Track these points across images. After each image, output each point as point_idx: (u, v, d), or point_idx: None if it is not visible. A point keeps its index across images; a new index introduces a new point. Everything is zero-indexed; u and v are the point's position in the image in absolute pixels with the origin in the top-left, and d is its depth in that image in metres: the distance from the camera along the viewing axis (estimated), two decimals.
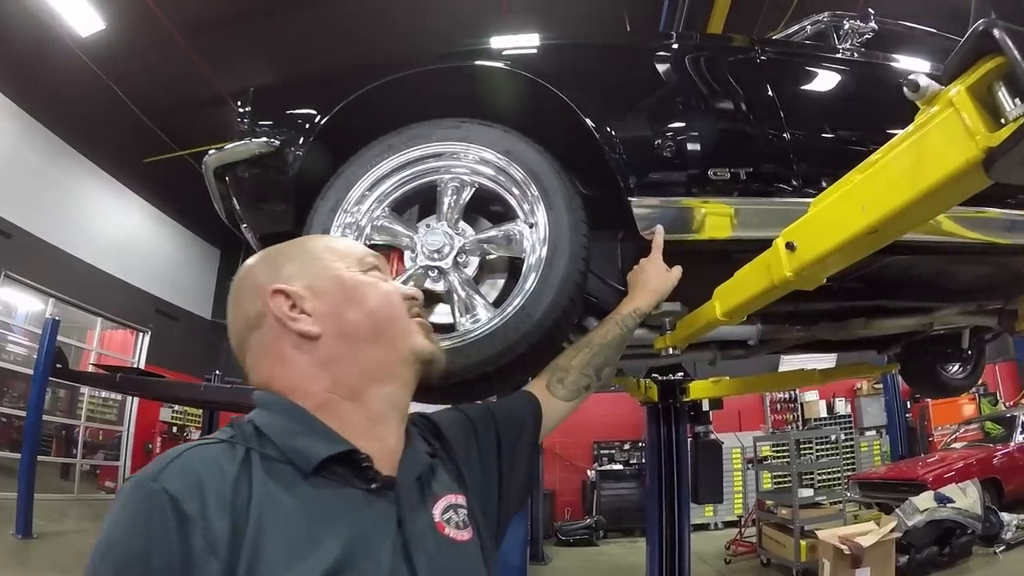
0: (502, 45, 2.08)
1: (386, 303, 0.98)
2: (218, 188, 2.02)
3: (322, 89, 2.10)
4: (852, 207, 1.14)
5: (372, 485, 0.86)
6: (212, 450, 0.81)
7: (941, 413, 12.87)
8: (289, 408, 0.89)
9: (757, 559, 8.89)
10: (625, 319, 1.54)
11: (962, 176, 0.91)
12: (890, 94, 2.42)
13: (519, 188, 1.75)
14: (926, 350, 4.12)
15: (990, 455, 9.09)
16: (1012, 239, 2.13)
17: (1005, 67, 0.82)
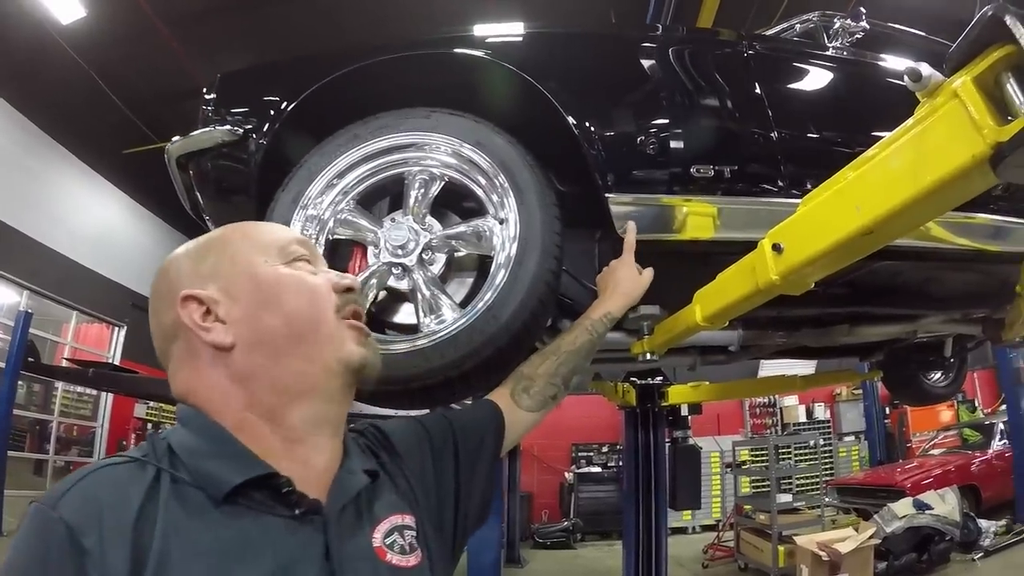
0: (478, 33, 1.99)
1: (307, 303, 0.86)
2: (182, 178, 1.93)
3: (289, 76, 2.01)
4: (845, 206, 1.05)
5: (296, 511, 0.77)
6: (119, 472, 0.74)
7: (919, 419, 13.01)
8: (205, 426, 0.80)
9: (735, 564, 8.90)
10: (595, 324, 1.45)
11: (967, 173, 0.83)
12: (881, 94, 2.42)
13: (489, 181, 1.66)
14: (908, 358, 4.10)
15: (968, 462, 9.18)
16: (1001, 246, 2.08)
17: (1016, 57, 0.74)
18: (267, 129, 1.81)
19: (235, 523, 0.73)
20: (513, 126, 1.74)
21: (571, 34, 2.12)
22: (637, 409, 5.09)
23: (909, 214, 0.97)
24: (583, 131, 1.77)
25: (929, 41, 2.96)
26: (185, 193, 1.97)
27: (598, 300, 1.54)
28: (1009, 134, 0.75)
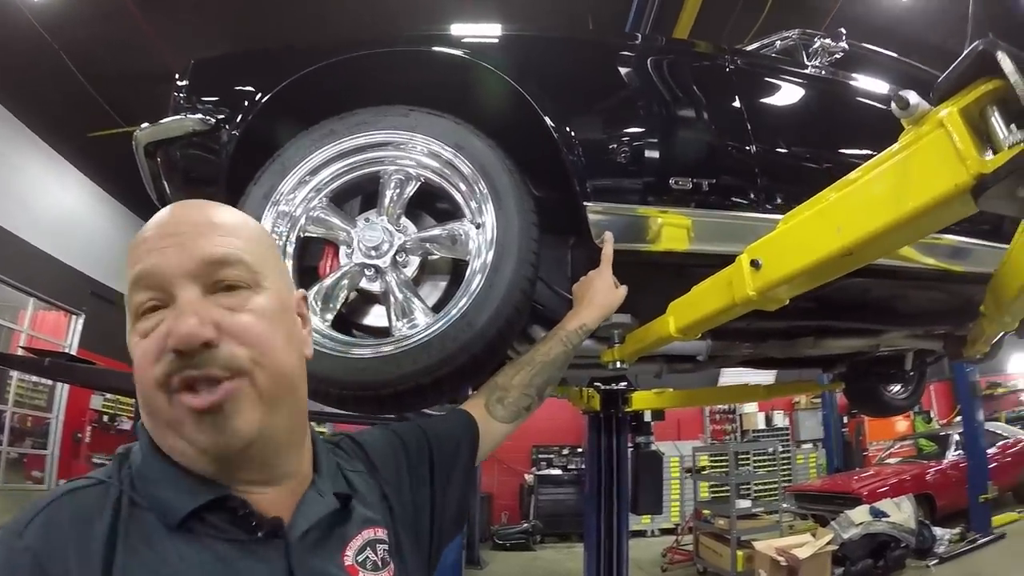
0: (459, 32, 1.96)
1: (140, 387, 0.74)
2: (149, 166, 1.86)
3: (265, 66, 1.95)
4: (826, 227, 1.06)
5: (257, 534, 0.73)
6: (84, 498, 0.71)
7: (876, 429, 13.36)
8: (153, 452, 0.75)
9: (694, 567, 9.00)
10: (570, 336, 1.44)
11: (949, 201, 0.84)
12: (858, 114, 2.46)
13: (467, 185, 1.63)
14: (870, 370, 4.19)
15: (923, 471, 9.44)
16: (966, 266, 2.13)
17: (1002, 91, 0.75)
18: (240, 120, 1.76)
19: (190, 550, 0.69)
20: (492, 129, 1.71)
21: (555, 39, 2.11)
22: (601, 414, 5.11)
23: (889, 237, 0.98)
24: (564, 137, 1.75)
25: (907, 65, 3.02)
26: (152, 182, 1.91)
27: (573, 311, 1.52)
28: (992, 166, 0.76)
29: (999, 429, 10.99)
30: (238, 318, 0.74)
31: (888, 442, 12.62)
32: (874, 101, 2.51)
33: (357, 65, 1.81)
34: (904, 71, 2.95)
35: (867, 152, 2.24)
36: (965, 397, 9.22)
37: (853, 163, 2.18)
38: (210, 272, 0.75)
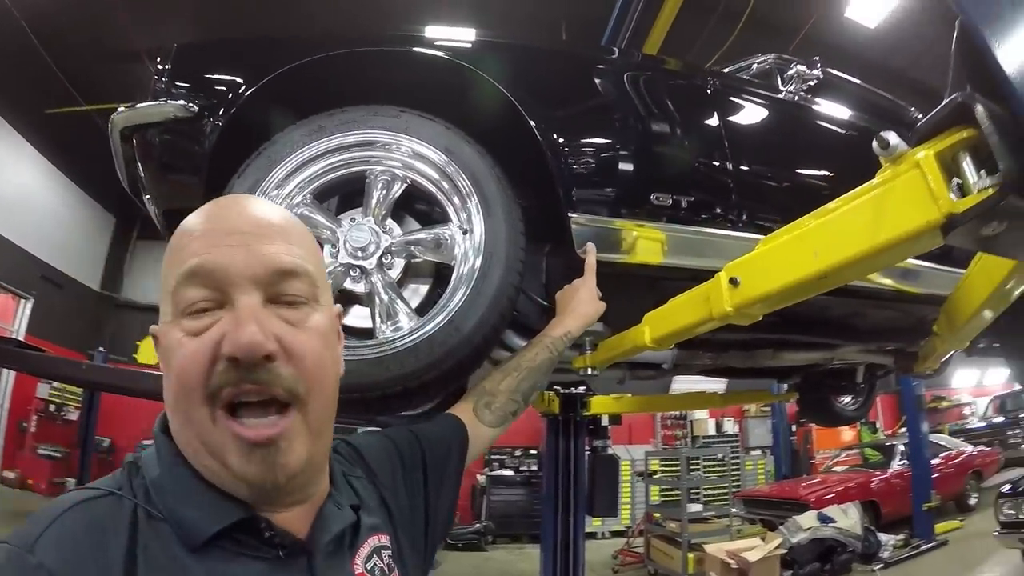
0: (447, 37, 1.96)
1: (181, 390, 0.69)
2: (123, 151, 1.82)
3: (253, 57, 1.92)
4: (804, 251, 1.12)
5: (280, 552, 0.71)
6: (98, 510, 0.66)
7: (824, 438, 13.78)
8: (176, 463, 0.71)
9: (645, 569, 9.12)
10: (555, 343, 1.46)
11: (919, 236, 0.90)
12: (829, 140, 2.57)
13: (456, 191, 1.65)
14: (822, 382, 4.37)
15: (869, 479, 9.77)
16: (920, 288, 2.24)
17: (975, 140, 0.81)
18: (224, 110, 1.73)
19: (218, 570, 0.67)
20: (481, 136, 1.73)
21: (549, 51, 2.15)
22: (560, 417, 5.17)
23: (862, 264, 1.05)
24: (551, 148, 1.78)
25: (877, 95, 3.16)
26: (124, 167, 1.86)
27: (557, 318, 1.54)
28: (962, 207, 0.82)
29: (943, 441, 11.50)
30: (299, 337, 0.71)
31: (835, 451, 13.01)
32: (843, 128, 2.63)
33: (347, 61, 1.80)
34: (871, 99, 3.08)
35: (834, 174, 2.38)
36: (911, 409, 9.57)
37: (823, 186, 2.32)
38: (276, 281, 0.71)
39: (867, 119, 2.81)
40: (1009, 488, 6.46)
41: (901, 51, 8.92)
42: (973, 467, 10.96)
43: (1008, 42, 0.78)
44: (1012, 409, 14.06)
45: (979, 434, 13.44)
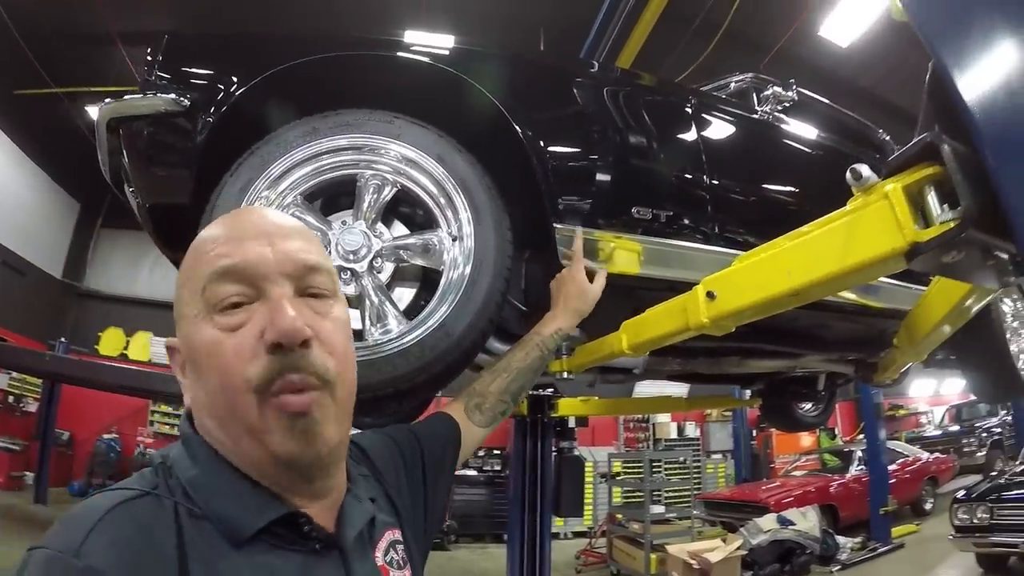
0: (452, 46, 1.97)
1: (226, 381, 0.71)
2: (108, 141, 1.78)
3: (247, 53, 1.89)
4: (778, 270, 1.20)
5: (316, 546, 0.74)
6: (140, 511, 0.66)
7: (783, 443, 14.11)
8: (215, 462, 0.73)
9: (607, 569, 9.25)
10: (546, 341, 1.48)
11: (885, 260, 0.98)
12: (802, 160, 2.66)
13: (447, 198, 1.68)
14: (784, 389, 4.48)
15: (827, 483, 10.07)
16: (882, 303, 2.34)
17: (940, 176, 0.90)
18: (216, 107, 1.71)
19: (262, 563, 0.69)
20: (472, 145, 1.76)
21: (539, 64, 2.18)
22: (528, 418, 5.24)
23: (831, 284, 1.13)
24: (540, 159, 1.82)
25: (847, 116, 3.28)
26: (108, 157, 1.83)
27: (550, 314, 1.56)
28: (925, 237, 0.91)
29: (900, 448, 11.93)
30: (327, 325, 0.76)
31: (794, 455, 13.35)
32: (815, 148, 2.73)
33: (340, 64, 1.80)
34: (842, 120, 3.20)
35: (805, 192, 2.48)
36: (869, 417, 9.84)
37: (794, 203, 2.41)
38: (303, 275, 0.76)
39: (838, 140, 2.92)
40: (964, 494, 6.74)
41: (870, 70, 9.20)
42: (929, 473, 11.39)
43: (975, 88, 0.86)
44: (967, 418, 14.58)
45: (935, 442, 13.90)
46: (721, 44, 6.55)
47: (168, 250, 2.00)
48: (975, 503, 6.42)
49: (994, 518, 6.20)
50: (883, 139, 3.38)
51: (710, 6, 6.42)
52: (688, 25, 6.81)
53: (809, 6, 7.76)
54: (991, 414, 13.91)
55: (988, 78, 0.85)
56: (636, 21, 4.72)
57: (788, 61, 8.44)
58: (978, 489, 6.75)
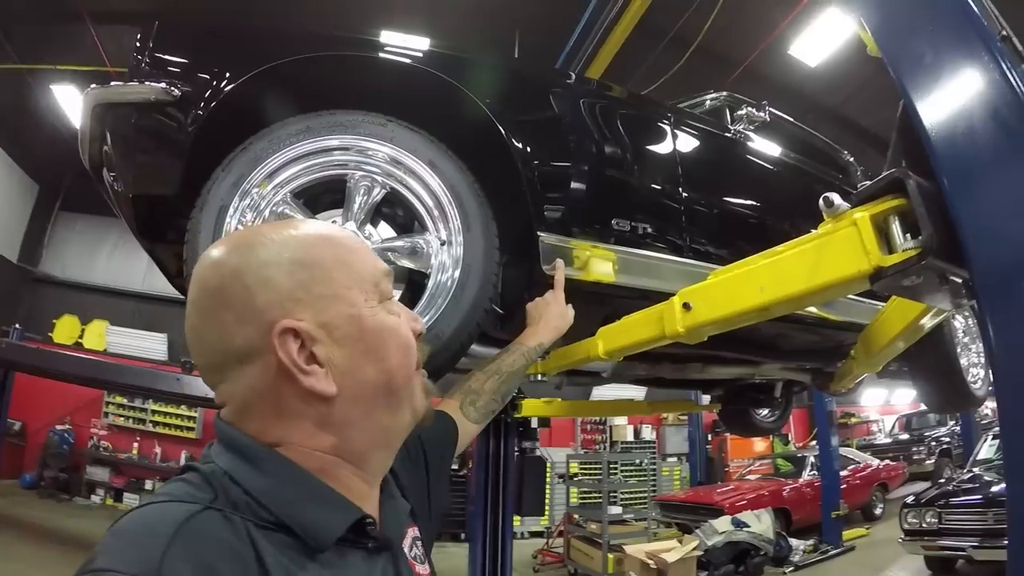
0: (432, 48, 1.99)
1: (404, 359, 0.79)
2: (92, 127, 1.76)
3: (242, 46, 1.87)
4: (751, 286, 1.29)
5: (370, 544, 0.76)
6: (210, 525, 0.63)
7: (738, 447, 14.41)
8: (290, 471, 0.72)
9: (565, 569, 9.29)
10: (530, 352, 1.55)
11: (851, 281, 1.08)
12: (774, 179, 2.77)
13: (436, 202, 1.72)
14: (743, 395, 4.63)
15: (780, 487, 10.34)
16: (840, 316, 2.46)
17: (905, 208, 1.00)
18: (207, 100, 1.69)
19: (341, 564, 0.71)
20: (461, 151, 1.80)
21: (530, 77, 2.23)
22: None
23: (800, 300, 1.23)
24: (528, 170, 1.88)
25: (815, 137, 3.41)
26: (89, 143, 1.80)
27: (530, 329, 1.62)
28: (889, 262, 1.00)
29: (851, 454, 12.30)
30: None
31: (748, 460, 13.66)
32: (783, 168, 2.85)
33: (336, 64, 1.81)
34: (810, 141, 3.33)
35: (775, 210, 2.59)
36: (822, 424, 10.15)
37: (764, 220, 2.51)
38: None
39: (805, 160, 3.05)
40: (913, 499, 6.99)
41: (836, 91, 9.48)
42: (879, 479, 11.80)
43: (940, 130, 0.96)
44: (917, 427, 15.10)
45: (885, 449, 14.39)
46: (691, 56, 6.67)
47: (146, 240, 1.99)
48: (924, 508, 6.66)
49: (942, 523, 6.44)
50: (847, 160, 3.54)
51: (684, 20, 6.53)
52: (659, 38, 6.90)
53: (781, 25, 7.96)
54: (940, 424, 14.41)
55: (952, 122, 0.95)
56: (610, 33, 4.79)
57: (757, 77, 8.66)
58: (927, 495, 6.98)
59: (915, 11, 1.10)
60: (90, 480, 11.30)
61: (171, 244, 1.97)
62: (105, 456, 11.50)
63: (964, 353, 2.81)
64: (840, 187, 3.05)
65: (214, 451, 0.73)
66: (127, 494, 11.23)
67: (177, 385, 6.74)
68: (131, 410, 11.89)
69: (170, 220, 1.85)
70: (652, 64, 7.00)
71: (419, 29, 7.73)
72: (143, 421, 11.90)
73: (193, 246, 1.59)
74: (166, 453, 11.73)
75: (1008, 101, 0.92)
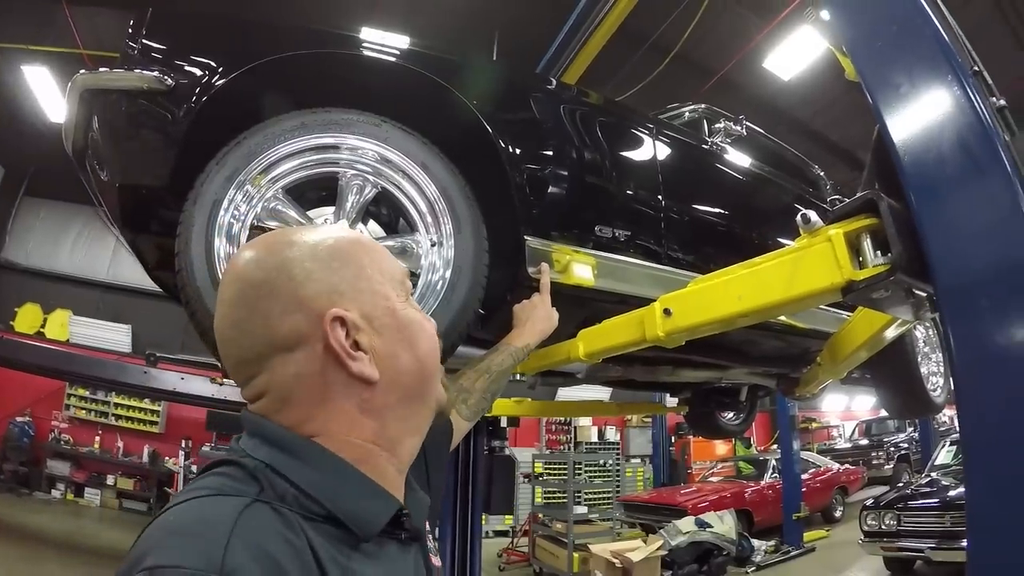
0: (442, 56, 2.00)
1: (432, 348, 0.84)
2: (80, 113, 1.74)
3: (239, 39, 1.86)
4: (730, 294, 1.37)
5: (402, 535, 0.79)
6: (264, 518, 0.64)
7: (700, 450, 14.66)
8: (334, 462, 0.73)
9: (530, 568, 9.36)
10: (517, 352, 1.59)
11: (824, 293, 1.16)
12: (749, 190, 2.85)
13: (428, 204, 1.75)
14: (709, 398, 4.75)
15: (743, 489, 10.58)
16: (808, 324, 2.55)
17: (876, 227, 1.08)
18: (200, 92, 1.67)
19: (381, 555, 0.74)
20: (453, 154, 1.83)
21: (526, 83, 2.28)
22: None
23: (776, 310, 1.31)
24: (516, 176, 1.92)
25: (788, 151, 3.52)
26: (74, 129, 1.78)
27: (517, 330, 1.65)
28: (860, 277, 1.08)
29: (812, 458, 12.62)
30: None
31: (711, 462, 13.89)
32: (758, 180, 2.94)
33: (331, 62, 1.81)
34: (783, 155, 3.44)
35: (749, 221, 2.67)
36: (784, 428, 10.38)
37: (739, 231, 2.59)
38: None
39: (778, 173, 3.15)
40: (872, 502, 7.22)
41: (807, 105, 9.69)
42: (839, 483, 12.11)
43: (912, 155, 1.04)
44: (876, 433, 15.53)
45: (845, 454, 14.80)
46: (666, 64, 6.74)
47: (128, 231, 1.97)
48: (883, 511, 6.88)
49: (901, 525, 6.65)
50: (817, 174, 3.66)
51: (662, 29, 6.61)
52: (636, 44, 6.96)
53: (756, 39, 8.09)
54: (899, 430, 14.85)
55: (923, 148, 1.03)
56: (591, 38, 4.86)
57: (732, 87, 8.80)
58: (886, 498, 7.21)
59: (895, 43, 1.19)
60: (51, 474, 11.00)
61: (155, 236, 1.96)
62: (66, 450, 11.20)
63: (924, 362, 2.93)
64: (810, 200, 3.17)
65: (247, 445, 0.74)
66: (88, 489, 11.03)
67: (145, 378, 6.65)
68: (93, 403, 11.59)
69: (155, 211, 1.84)
70: (626, 70, 7.06)
71: (398, 27, 7.71)
72: (105, 414, 11.62)
73: (185, 239, 1.59)
74: (128, 447, 11.49)
75: (976, 133, 1.01)
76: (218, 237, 1.61)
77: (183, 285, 1.59)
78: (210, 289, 1.55)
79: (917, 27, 1.18)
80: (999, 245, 1.01)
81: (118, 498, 11.15)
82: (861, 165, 1.50)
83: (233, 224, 1.63)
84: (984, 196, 1.01)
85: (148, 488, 11.11)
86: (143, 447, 11.42)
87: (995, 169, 1.02)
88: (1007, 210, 0.99)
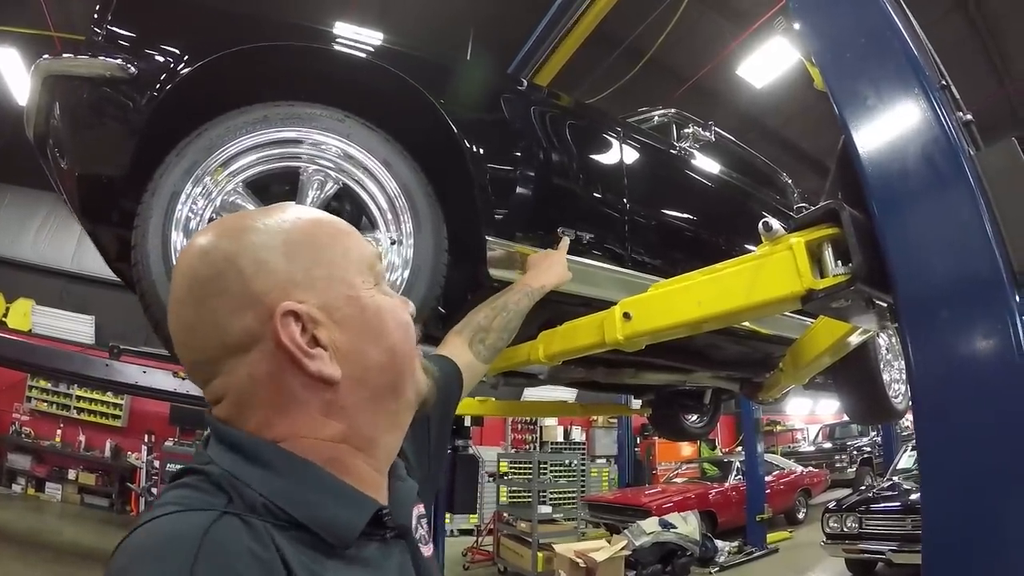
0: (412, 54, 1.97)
1: (404, 337, 0.77)
2: (42, 98, 1.68)
3: (203, 27, 1.80)
4: (689, 300, 1.36)
5: (387, 535, 0.74)
6: (232, 532, 0.60)
7: (665, 451, 14.81)
8: (300, 468, 0.68)
9: (495, 567, 9.32)
10: (533, 292, 1.57)
11: (784, 301, 1.15)
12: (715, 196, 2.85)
13: (389, 202, 1.72)
14: (673, 400, 4.77)
15: (707, 491, 10.69)
16: (770, 330, 2.57)
17: (837, 236, 1.07)
18: (164, 81, 1.63)
19: (360, 559, 0.69)
20: (416, 153, 1.80)
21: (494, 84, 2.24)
22: None
23: (735, 316, 1.31)
24: (479, 177, 1.89)
25: (756, 158, 3.54)
26: (35, 115, 1.72)
27: (532, 273, 1.67)
28: (820, 286, 1.07)
29: (776, 461, 12.85)
30: None
31: (675, 463, 14.02)
32: (725, 186, 2.94)
33: (297, 55, 1.78)
34: (751, 161, 3.46)
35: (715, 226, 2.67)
36: (749, 431, 10.46)
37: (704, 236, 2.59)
38: None
39: (745, 180, 3.16)
40: (835, 504, 7.32)
41: (778, 113, 9.81)
42: (803, 485, 12.34)
43: (875, 166, 1.03)
44: (839, 437, 15.76)
45: (809, 457, 15.00)
46: (640, 68, 6.77)
47: (87, 221, 1.90)
48: (845, 513, 6.97)
49: (863, 527, 6.75)
50: (786, 182, 3.69)
51: (638, 32, 6.62)
52: (609, 48, 6.97)
53: (731, 46, 8.16)
54: (862, 434, 15.05)
55: (887, 160, 1.02)
56: (564, 40, 4.84)
57: (705, 93, 8.87)
58: (848, 501, 7.31)
59: (863, 55, 1.19)
60: (11, 468, 10.66)
61: (114, 227, 1.89)
62: (27, 443, 10.83)
63: (887, 369, 2.97)
64: (777, 207, 3.19)
65: (213, 451, 0.68)
66: (49, 484, 10.73)
67: (107, 371, 6.49)
68: (55, 395, 11.21)
69: (115, 202, 1.78)
70: (600, 72, 7.07)
71: (373, 23, 7.62)
72: (67, 407, 11.26)
73: (143, 231, 1.56)
74: (90, 441, 11.17)
75: (941, 146, 1.01)
76: (175, 231, 1.58)
77: (139, 279, 1.55)
78: (165, 283, 1.52)
79: (886, 40, 1.18)
80: (959, 257, 1.01)
81: (80, 493, 10.86)
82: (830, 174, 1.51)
83: (192, 218, 1.60)
84: (946, 209, 1.01)
85: (110, 483, 10.86)
86: (105, 441, 11.12)
87: (958, 182, 1.02)
88: (968, 223, 0.99)
